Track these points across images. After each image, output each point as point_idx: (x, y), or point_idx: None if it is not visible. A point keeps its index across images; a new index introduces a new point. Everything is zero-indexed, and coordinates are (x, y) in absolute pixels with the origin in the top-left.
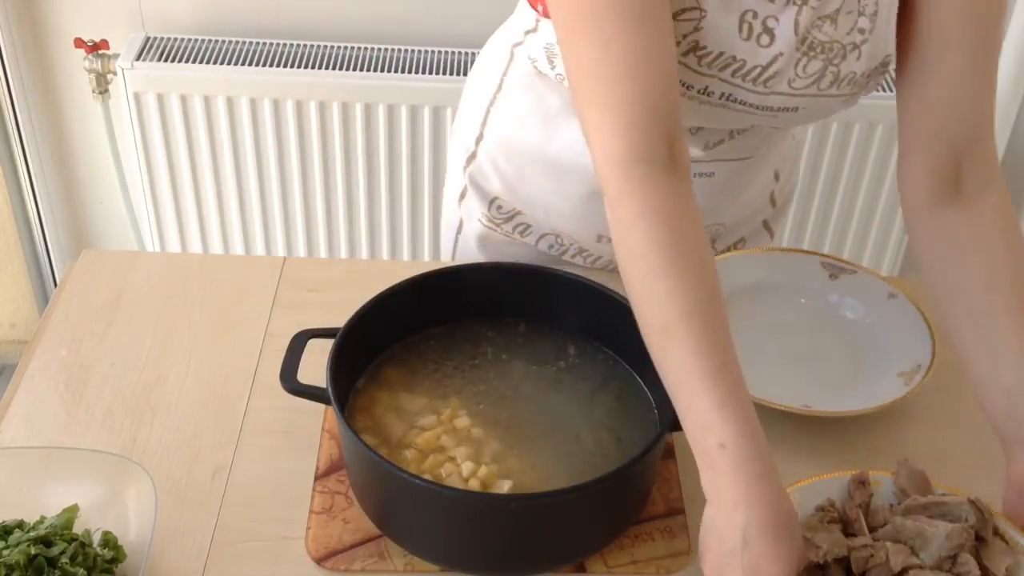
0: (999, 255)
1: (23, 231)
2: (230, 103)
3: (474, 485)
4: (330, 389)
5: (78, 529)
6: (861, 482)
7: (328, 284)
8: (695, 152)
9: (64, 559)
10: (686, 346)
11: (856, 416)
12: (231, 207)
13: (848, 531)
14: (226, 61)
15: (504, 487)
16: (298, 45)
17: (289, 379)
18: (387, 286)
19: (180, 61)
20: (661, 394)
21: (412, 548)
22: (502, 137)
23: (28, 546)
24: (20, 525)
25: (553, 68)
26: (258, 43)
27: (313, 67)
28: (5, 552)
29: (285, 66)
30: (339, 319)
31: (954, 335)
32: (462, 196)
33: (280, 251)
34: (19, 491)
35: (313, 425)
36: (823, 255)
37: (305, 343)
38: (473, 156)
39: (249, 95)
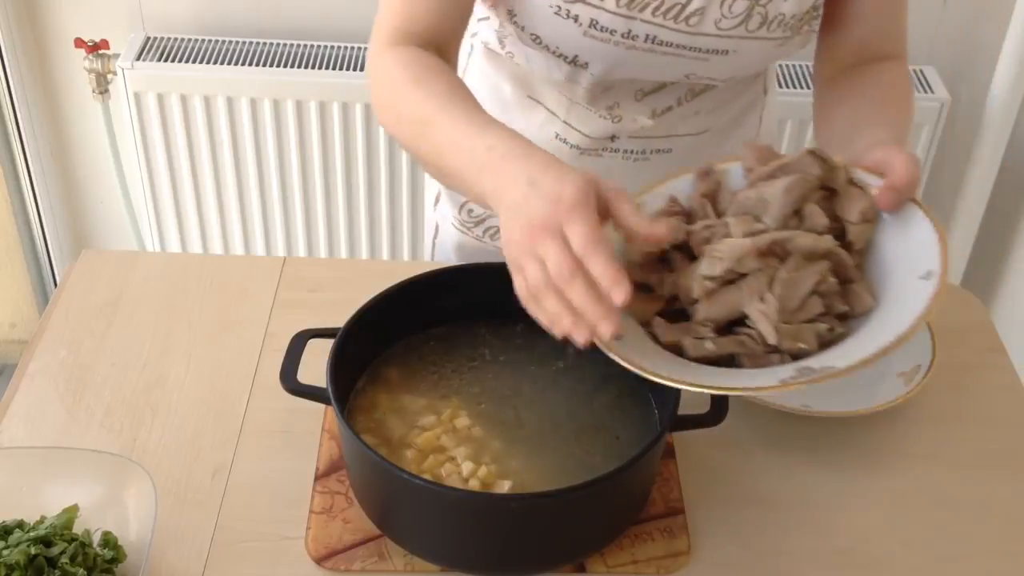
0: (881, 89)
1: (23, 231)
2: (230, 103)
3: (474, 485)
4: (330, 389)
5: (78, 529)
6: (706, 173)
7: (328, 284)
8: (644, 122)
9: (64, 559)
10: (447, 121)
11: (856, 416)
12: (231, 207)
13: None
14: (226, 61)
15: (504, 487)
16: (298, 45)
17: (289, 379)
18: (387, 286)
19: (180, 61)
20: (661, 394)
21: (412, 548)
22: None
23: (28, 546)
24: (20, 525)
25: (503, 48)
26: (258, 43)
27: (313, 67)
28: (5, 552)
29: (285, 66)
30: (339, 319)
31: (819, 133)
32: (437, 200)
33: (280, 251)
34: (19, 491)
35: (313, 425)
36: None
37: (305, 343)
38: None
39: (249, 95)
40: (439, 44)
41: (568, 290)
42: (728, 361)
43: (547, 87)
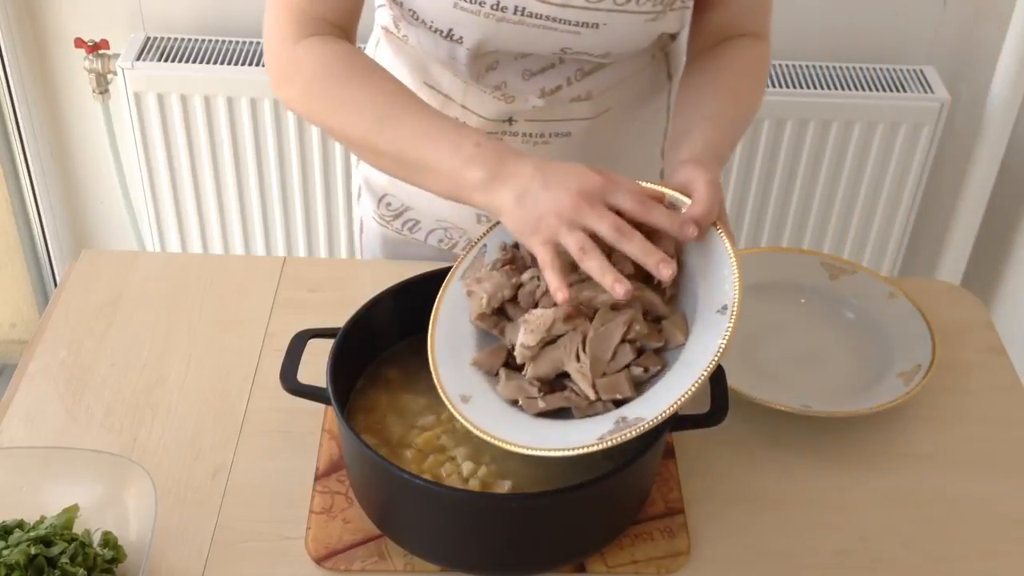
0: (732, 75)
1: (23, 231)
2: (230, 103)
3: (474, 485)
4: (330, 389)
5: (78, 529)
6: None
7: (328, 284)
8: (536, 101)
9: (64, 559)
10: (411, 114)
11: (856, 416)
12: (231, 207)
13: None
14: (226, 61)
15: (504, 487)
16: None
17: (289, 379)
18: (387, 286)
19: (180, 61)
20: None
21: (412, 548)
22: None
23: (28, 546)
24: (20, 525)
25: (400, 31)
26: (258, 43)
27: None
28: (5, 552)
29: None
30: (339, 319)
31: (670, 138)
32: (359, 195)
33: (280, 251)
34: (19, 491)
35: (313, 425)
36: (823, 255)
37: (305, 343)
38: None
39: (249, 95)
40: (343, 27)
41: (629, 243)
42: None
43: (441, 69)
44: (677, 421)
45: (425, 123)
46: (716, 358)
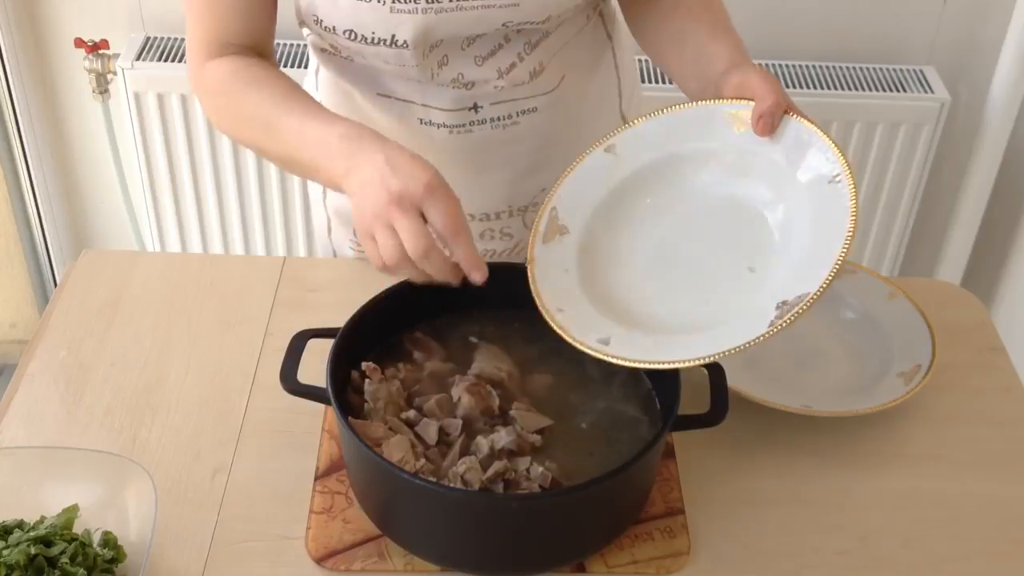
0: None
1: (23, 231)
2: None
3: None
4: (330, 389)
5: (78, 529)
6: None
7: (328, 284)
8: (497, 82)
9: (64, 559)
10: (291, 118)
11: (856, 416)
12: (231, 207)
13: None
14: None
15: (498, 487)
16: (298, 45)
17: (289, 379)
18: (387, 286)
19: (180, 61)
20: (661, 392)
21: (412, 548)
22: None
23: (28, 546)
24: (20, 525)
25: (340, 52)
26: None
27: None
28: (5, 552)
29: (285, 66)
30: (339, 319)
31: (667, 64)
32: (329, 230)
33: (280, 251)
34: (19, 491)
35: (313, 425)
36: None
37: (305, 343)
38: None
39: None
40: (255, 49)
41: (422, 264)
42: None
43: (394, 77)
44: (677, 421)
45: (301, 126)
46: (852, 217)
